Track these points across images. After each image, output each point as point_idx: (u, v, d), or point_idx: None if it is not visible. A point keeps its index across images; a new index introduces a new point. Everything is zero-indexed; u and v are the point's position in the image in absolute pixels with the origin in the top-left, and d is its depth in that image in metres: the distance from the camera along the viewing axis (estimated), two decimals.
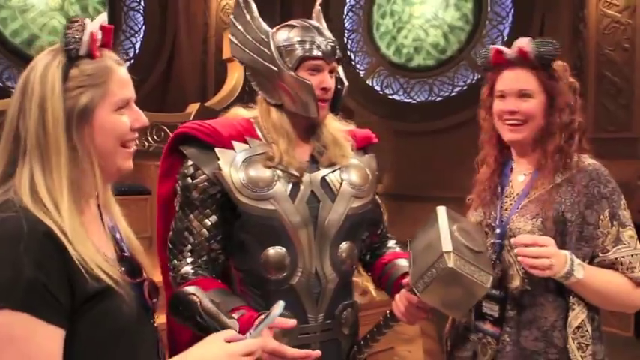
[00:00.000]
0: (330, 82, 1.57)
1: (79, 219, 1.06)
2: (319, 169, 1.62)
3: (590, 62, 5.80)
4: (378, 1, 8.00)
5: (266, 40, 1.57)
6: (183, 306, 1.40)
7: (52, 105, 1.04)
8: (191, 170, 1.55)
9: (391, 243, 1.86)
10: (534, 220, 1.62)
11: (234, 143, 1.56)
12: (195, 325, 1.42)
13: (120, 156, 1.13)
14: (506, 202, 1.72)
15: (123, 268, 1.13)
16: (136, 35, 8.16)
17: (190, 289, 1.42)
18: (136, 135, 1.14)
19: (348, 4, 8.28)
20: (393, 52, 7.93)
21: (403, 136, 7.68)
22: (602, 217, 1.59)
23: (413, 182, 6.70)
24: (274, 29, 1.62)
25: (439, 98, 7.64)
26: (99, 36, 1.09)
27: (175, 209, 1.60)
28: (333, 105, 1.63)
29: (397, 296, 1.59)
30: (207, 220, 1.56)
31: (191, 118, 6.33)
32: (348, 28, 8.31)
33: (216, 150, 1.55)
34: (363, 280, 3.46)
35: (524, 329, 1.61)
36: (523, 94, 1.64)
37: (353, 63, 8.25)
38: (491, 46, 1.72)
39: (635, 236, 1.62)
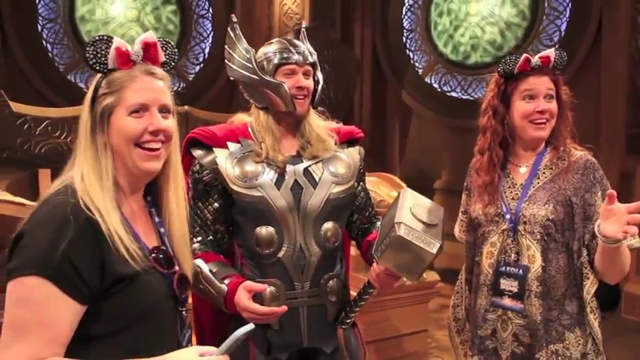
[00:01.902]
0: (304, 82, 1.89)
1: (117, 209, 1.17)
2: (303, 161, 1.92)
3: None
4: (436, 0, 8.14)
5: (248, 56, 1.94)
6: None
7: (83, 112, 1.24)
8: (197, 167, 1.91)
9: (379, 224, 2.08)
10: (547, 205, 1.86)
11: (229, 143, 1.90)
12: (199, 290, 1.80)
13: (136, 155, 1.21)
14: (512, 192, 1.95)
15: (155, 257, 1.23)
16: (205, 41, 8.66)
17: (196, 261, 1.75)
18: (154, 137, 1.22)
19: (406, 4, 8.44)
20: (450, 50, 8.04)
21: (461, 133, 7.76)
22: (597, 198, 1.83)
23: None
24: (261, 47, 1.97)
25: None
26: (127, 49, 1.22)
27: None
28: (313, 103, 1.95)
29: (372, 266, 1.88)
30: (210, 207, 1.91)
31: None
32: (406, 27, 8.47)
33: (214, 149, 1.90)
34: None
35: (542, 300, 1.85)
36: (549, 96, 1.90)
37: (412, 62, 8.41)
38: (524, 55, 1.95)
39: None
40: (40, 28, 7.77)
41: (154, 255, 1.25)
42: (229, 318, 1.90)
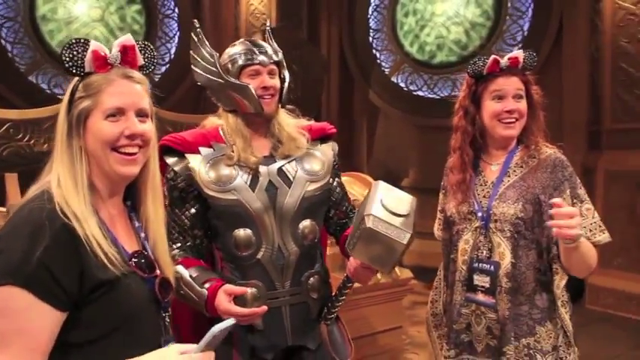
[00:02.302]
0: (269, 82, 1.89)
1: (95, 214, 1.16)
2: (276, 161, 1.92)
3: (606, 54, 5.90)
4: (402, 0, 8.22)
5: (212, 60, 1.93)
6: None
7: (60, 115, 1.21)
8: (171, 174, 1.90)
9: None
10: (516, 204, 1.90)
11: (201, 149, 1.89)
12: (180, 296, 1.78)
13: (112, 160, 1.19)
14: (484, 190, 1.99)
15: (136, 262, 1.22)
16: (171, 41, 8.58)
17: (176, 267, 1.73)
18: (130, 142, 1.20)
19: (372, 4, 8.51)
20: (416, 50, 8.13)
21: (428, 131, 7.85)
22: (565, 196, 1.87)
23: (437, 175, 6.89)
24: (225, 50, 1.97)
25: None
26: (105, 52, 1.20)
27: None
28: (281, 101, 1.94)
29: (349, 261, 1.89)
30: (187, 212, 1.89)
31: None
32: (372, 27, 8.54)
33: (187, 155, 1.89)
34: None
35: (512, 296, 1.89)
36: (518, 96, 1.93)
37: (378, 61, 8.48)
38: (493, 56, 1.97)
39: (592, 209, 1.91)
40: None
41: (134, 259, 1.24)
42: (209, 323, 1.88)
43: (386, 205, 1.73)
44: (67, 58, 1.20)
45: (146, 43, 1.32)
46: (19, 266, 1.05)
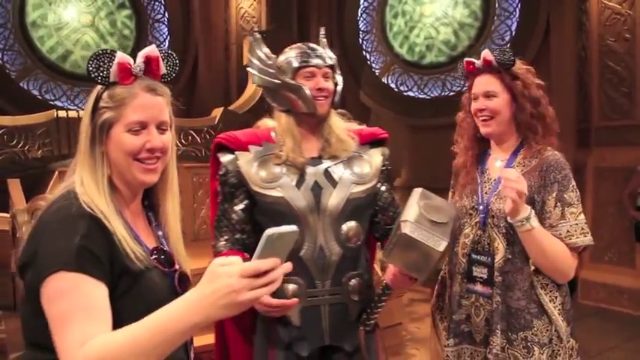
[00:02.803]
0: (324, 84, 1.93)
1: (118, 213, 1.22)
2: (323, 163, 1.95)
3: (593, 53, 5.99)
4: (390, 1, 8.29)
5: (270, 62, 1.98)
6: None
7: (84, 121, 1.26)
8: (223, 171, 1.96)
9: None
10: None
11: (251, 147, 1.95)
12: None
13: (134, 169, 1.25)
14: (486, 187, 2.04)
15: (157, 257, 1.28)
16: (162, 45, 8.60)
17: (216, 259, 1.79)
18: (151, 155, 1.25)
19: (361, 7, 8.59)
20: (406, 51, 8.21)
21: (418, 131, 7.93)
22: (550, 198, 1.92)
23: (428, 174, 6.96)
24: (281, 53, 2.02)
25: (452, 93, 7.90)
26: (130, 64, 1.25)
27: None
28: (333, 104, 1.98)
29: (388, 268, 1.90)
30: (236, 207, 1.94)
31: (216, 122, 6.71)
32: (362, 29, 8.62)
33: (237, 153, 1.95)
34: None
35: (510, 291, 1.94)
36: (489, 95, 1.99)
37: (368, 62, 8.55)
38: (465, 59, 2.05)
39: (578, 212, 1.93)
40: None
41: (155, 255, 1.30)
42: (251, 314, 1.91)
43: (424, 212, 1.73)
44: (93, 68, 1.24)
45: (169, 52, 1.35)
46: (65, 253, 1.12)
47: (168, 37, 8.58)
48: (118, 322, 1.13)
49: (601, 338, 4.46)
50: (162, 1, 8.60)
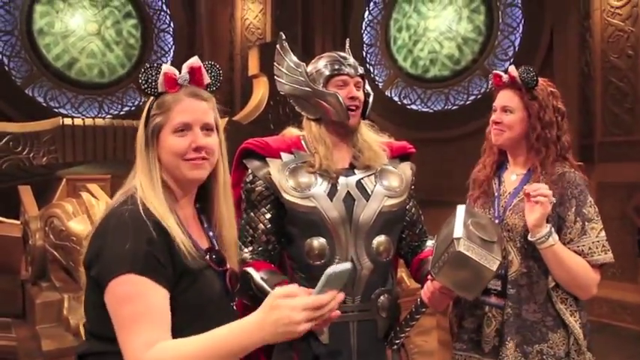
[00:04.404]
0: (356, 93, 1.89)
1: (173, 214, 1.31)
2: (355, 173, 1.91)
3: (596, 69, 6.04)
4: (395, 15, 8.35)
5: (300, 70, 1.93)
6: (241, 283, 1.69)
7: (139, 130, 1.37)
8: (250, 177, 1.89)
9: (429, 242, 2.04)
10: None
11: (282, 154, 1.90)
12: (250, 298, 1.77)
13: (183, 167, 1.35)
14: (502, 200, 2.06)
15: (211, 257, 1.38)
16: (167, 55, 8.65)
17: (247, 269, 1.76)
18: (197, 154, 1.35)
19: (365, 20, 8.65)
20: (409, 64, 8.26)
21: (422, 145, 7.91)
22: (569, 213, 1.94)
23: (432, 188, 6.98)
24: (311, 62, 1.98)
25: (455, 107, 7.94)
26: (174, 74, 1.36)
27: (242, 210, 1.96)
28: (364, 114, 1.94)
29: (425, 284, 1.83)
30: (263, 217, 1.88)
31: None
32: (366, 42, 8.67)
33: (267, 160, 1.89)
34: (399, 270, 3.67)
35: (525, 304, 1.95)
36: (506, 109, 2.02)
37: (372, 75, 8.59)
38: (494, 72, 2.08)
39: (599, 228, 1.94)
40: None
41: (208, 255, 1.39)
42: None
43: (473, 229, 1.69)
44: (143, 81, 1.35)
45: (212, 63, 1.45)
46: (133, 257, 1.21)
47: (174, 47, 8.63)
48: (178, 317, 1.21)
49: (605, 354, 4.45)
50: (168, 11, 8.65)
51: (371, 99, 1.96)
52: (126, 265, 1.20)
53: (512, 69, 2.00)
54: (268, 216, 1.88)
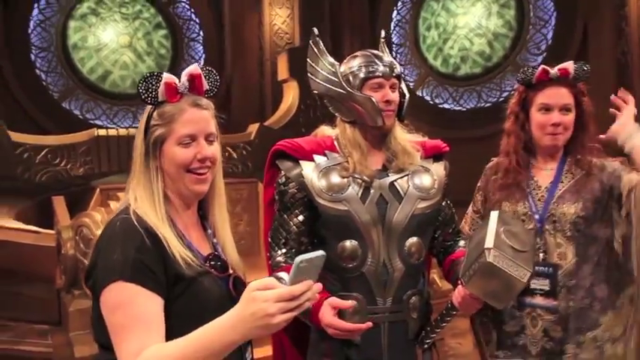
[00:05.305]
0: (392, 96, 1.83)
1: (170, 223, 1.31)
2: (388, 176, 1.87)
3: (633, 57, 5.89)
4: (423, 14, 8.28)
5: (334, 70, 1.89)
6: None
7: (137, 140, 1.35)
8: (283, 179, 1.88)
9: (462, 243, 2.02)
10: (576, 204, 1.92)
11: (315, 156, 1.87)
12: None
13: (187, 180, 1.34)
14: (537, 194, 2.01)
15: (212, 263, 1.36)
16: (197, 63, 8.75)
17: (280, 274, 1.74)
18: (202, 164, 1.34)
19: (394, 20, 8.59)
20: (440, 63, 8.17)
21: (455, 144, 7.81)
22: (623, 174, 1.92)
23: (464, 187, 6.87)
24: (344, 61, 1.94)
25: (488, 104, 7.82)
26: (177, 83, 1.35)
27: (275, 211, 1.94)
28: (399, 115, 1.90)
29: (457, 288, 1.79)
30: (296, 219, 1.87)
31: (252, 138, 6.78)
32: (395, 42, 8.61)
33: (301, 162, 1.87)
34: (431, 272, 3.63)
35: (572, 293, 1.90)
36: (565, 109, 1.95)
37: (402, 76, 8.51)
38: (541, 66, 1.97)
39: None
40: (33, 57, 7.84)
41: (209, 261, 1.37)
42: (309, 327, 1.87)
43: (505, 238, 1.66)
44: (143, 90, 1.34)
45: (209, 68, 1.43)
46: (122, 265, 1.22)
47: (204, 55, 8.74)
48: (174, 325, 1.21)
49: None
50: (197, 21, 8.77)
51: (407, 99, 1.92)
52: (115, 274, 1.21)
53: (569, 64, 1.91)
54: (301, 218, 1.87)
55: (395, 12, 8.67)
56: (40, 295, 3.47)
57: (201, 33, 8.77)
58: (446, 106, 8.17)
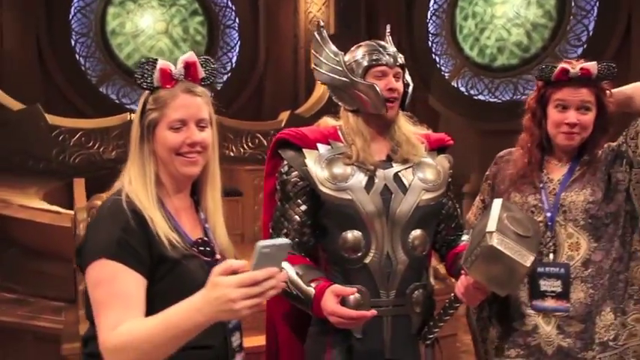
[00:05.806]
0: (395, 84, 1.84)
1: (159, 205, 1.36)
2: (393, 166, 1.87)
3: None
4: (460, 3, 8.12)
5: (337, 59, 1.90)
6: None
7: (134, 123, 1.41)
8: (286, 168, 1.88)
9: (465, 237, 2.02)
10: (584, 190, 1.88)
11: (319, 145, 1.87)
12: (285, 293, 1.75)
13: (177, 162, 1.39)
14: (549, 187, 1.96)
15: (200, 248, 1.40)
16: (232, 50, 8.81)
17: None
18: (191, 149, 1.38)
19: (431, 9, 8.45)
20: (476, 53, 8.02)
21: (489, 136, 7.70)
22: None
23: None
24: (349, 51, 1.95)
25: (524, 97, 7.62)
26: (170, 69, 1.39)
27: (276, 201, 1.94)
28: (402, 105, 1.91)
29: (459, 278, 1.79)
30: (298, 209, 1.86)
31: (282, 126, 6.79)
32: (432, 32, 8.48)
33: (304, 150, 1.87)
34: (442, 267, 3.62)
35: (586, 286, 1.85)
36: (584, 107, 1.88)
37: (438, 66, 8.41)
38: (561, 65, 1.90)
39: None
40: (73, 42, 8.03)
41: (197, 246, 1.41)
42: (307, 322, 1.88)
43: (508, 224, 1.65)
44: (139, 75, 1.39)
45: (207, 57, 1.48)
46: (107, 243, 1.28)
47: (239, 42, 8.78)
48: (157, 306, 1.23)
49: None
50: (233, 8, 8.81)
51: (410, 89, 1.90)
52: (99, 251, 1.27)
53: (592, 65, 1.85)
54: (304, 208, 1.86)
55: (432, 1, 8.54)
56: (58, 273, 3.60)
57: (236, 20, 8.80)
58: (481, 97, 8.03)
